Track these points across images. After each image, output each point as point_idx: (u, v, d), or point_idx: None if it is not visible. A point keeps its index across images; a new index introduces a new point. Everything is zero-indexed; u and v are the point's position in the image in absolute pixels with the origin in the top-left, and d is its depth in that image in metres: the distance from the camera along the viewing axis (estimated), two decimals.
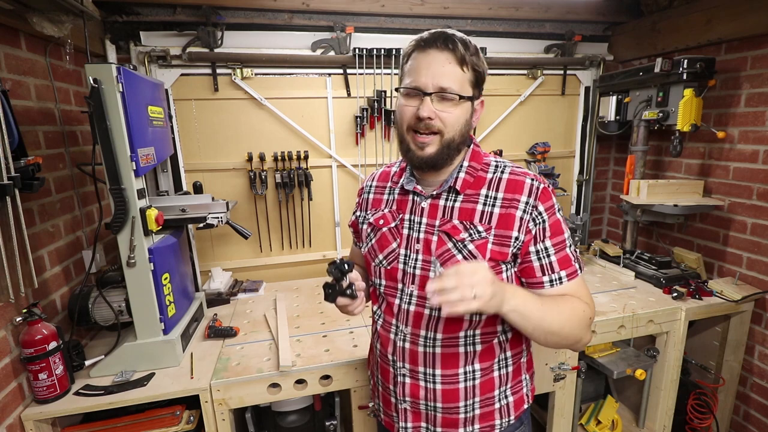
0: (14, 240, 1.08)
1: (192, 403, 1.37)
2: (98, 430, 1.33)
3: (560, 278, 0.91)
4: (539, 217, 0.90)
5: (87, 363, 1.38)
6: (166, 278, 1.43)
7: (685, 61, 1.81)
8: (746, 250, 1.88)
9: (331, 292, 0.96)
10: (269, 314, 1.79)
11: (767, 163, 1.77)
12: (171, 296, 1.46)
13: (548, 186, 0.93)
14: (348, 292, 0.95)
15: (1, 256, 1.06)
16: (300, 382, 1.41)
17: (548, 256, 0.91)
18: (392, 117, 2.14)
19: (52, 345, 1.23)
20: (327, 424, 1.59)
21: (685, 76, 1.82)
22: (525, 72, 2.33)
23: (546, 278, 0.91)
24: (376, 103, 2.11)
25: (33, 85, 1.40)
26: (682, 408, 1.91)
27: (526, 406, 1.05)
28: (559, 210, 0.93)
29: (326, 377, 1.42)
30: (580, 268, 0.94)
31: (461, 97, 0.87)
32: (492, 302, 0.75)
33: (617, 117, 2.25)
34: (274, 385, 1.39)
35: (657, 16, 2.14)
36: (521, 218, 0.89)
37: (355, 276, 0.96)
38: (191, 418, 1.36)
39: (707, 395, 1.92)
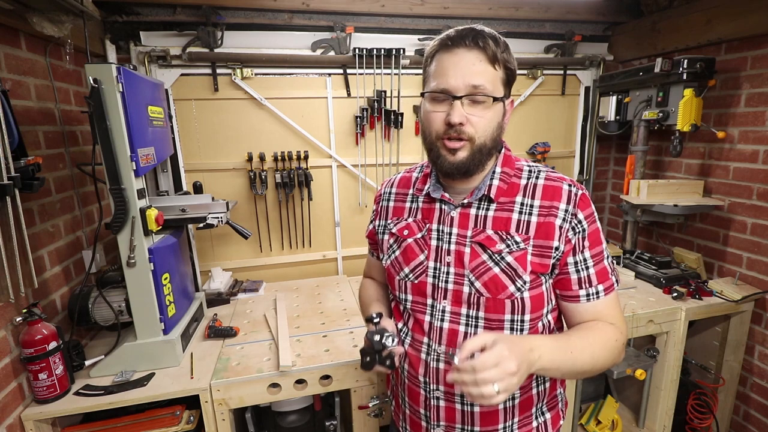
0: (14, 240, 1.08)
1: (192, 403, 1.37)
2: (98, 430, 1.33)
3: (597, 292, 0.87)
4: (579, 226, 0.85)
5: (87, 363, 1.38)
6: (166, 278, 1.43)
7: (685, 61, 1.81)
8: (746, 250, 1.88)
9: (370, 361, 0.90)
10: (269, 314, 1.79)
11: (767, 163, 1.77)
12: (171, 296, 1.46)
13: (586, 192, 0.88)
14: (388, 363, 0.89)
15: (1, 256, 1.06)
16: (300, 382, 1.41)
17: (587, 268, 0.86)
18: (392, 117, 2.15)
19: (52, 345, 1.23)
20: (327, 424, 1.59)
21: (685, 76, 1.82)
22: (525, 72, 2.33)
23: (583, 292, 0.87)
24: (376, 103, 2.11)
25: (33, 85, 1.40)
26: (682, 408, 1.91)
27: (562, 422, 1.01)
28: (597, 218, 0.88)
29: (326, 377, 1.42)
30: (616, 281, 0.89)
31: (494, 99, 0.81)
32: (523, 371, 0.70)
33: (617, 117, 2.25)
34: (274, 385, 1.39)
35: (657, 16, 2.14)
36: (560, 227, 0.84)
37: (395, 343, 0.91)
38: (191, 418, 1.36)
39: (707, 395, 1.92)
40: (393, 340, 0.89)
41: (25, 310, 1.22)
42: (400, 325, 1.00)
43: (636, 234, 2.24)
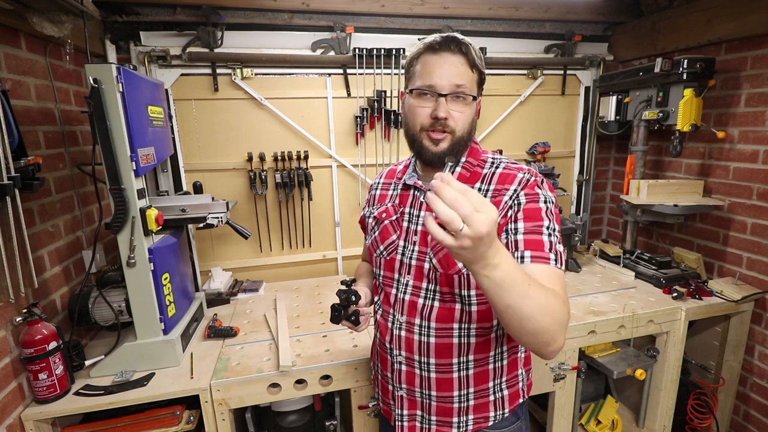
0: (14, 240, 1.08)
1: (192, 403, 1.37)
2: (98, 430, 1.33)
3: (522, 257, 0.84)
4: (516, 200, 0.90)
5: (87, 363, 1.38)
6: (166, 278, 1.43)
7: (685, 61, 1.81)
8: (746, 250, 1.88)
9: (337, 315, 1.03)
10: (269, 314, 1.79)
11: (767, 163, 1.77)
12: (171, 296, 1.46)
13: (540, 179, 0.92)
14: (353, 318, 1.03)
15: (1, 256, 1.06)
16: (300, 382, 1.41)
17: (515, 234, 0.87)
18: (392, 117, 2.15)
19: (52, 345, 1.23)
20: (327, 424, 1.59)
21: (685, 76, 1.82)
22: (525, 72, 2.33)
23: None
24: (376, 103, 2.11)
25: (33, 85, 1.40)
26: (682, 408, 1.91)
27: (521, 401, 1.07)
28: (545, 201, 0.89)
29: (326, 377, 1.42)
30: (556, 260, 0.84)
31: (473, 98, 0.91)
32: (472, 251, 0.62)
33: (617, 117, 2.25)
34: (274, 385, 1.39)
35: (657, 16, 2.14)
36: (505, 203, 0.91)
37: (362, 303, 1.05)
38: (191, 418, 1.36)
39: (707, 395, 1.92)
40: (356, 298, 1.02)
41: (25, 310, 1.22)
42: (376, 298, 1.13)
43: (636, 234, 2.24)
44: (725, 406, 1.97)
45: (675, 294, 1.77)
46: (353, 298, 1.02)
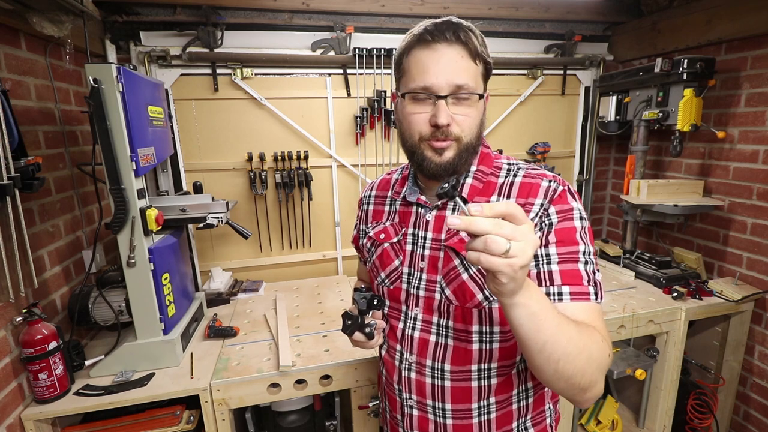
0: (14, 240, 1.08)
1: (192, 403, 1.37)
2: (98, 430, 1.33)
3: (561, 293, 0.73)
4: (546, 220, 0.76)
5: (87, 363, 1.38)
6: (166, 278, 1.43)
7: (685, 61, 1.81)
8: (746, 250, 1.88)
9: (350, 324, 0.88)
10: (269, 314, 1.79)
11: (767, 163, 1.77)
12: (171, 296, 1.46)
13: (568, 188, 0.79)
14: (367, 330, 0.88)
15: (1, 256, 1.06)
16: (300, 382, 1.41)
17: (549, 263, 0.74)
18: (392, 117, 2.15)
19: (52, 345, 1.23)
20: (327, 424, 1.59)
21: (685, 76, 1.82)
22: (525, 72, 2.33)
23: (543, 290, 0.73)
24: (376, 103, 2.11)
25: (33, 85, 1.40)
26: (682, 408, 1.91)
27: None
28: (580, 218, 0.77)
29: (326, 377, 1.42)
30: (595, 294, 0.74)
31: (479, 97, 0.76)
32: (519, 274, 0.53)
33: (617, 117, 2.25)
34: (274, 385, 1.39)
35: (657, 16, 2.14)
36: (531, 220, 0.75)
37: (378, 315, 0.91)
38: (191, 418, 1.36)
39: (707, 395, 1.92)
40: (379, 303, 0.88)
41: (25, 310, 1.22)
42: None
43: (636, 234, 2.24)
44: (725, 406, 1.97)
45: (675, 294, 1.77)
46: (376, 303, 0.86)
